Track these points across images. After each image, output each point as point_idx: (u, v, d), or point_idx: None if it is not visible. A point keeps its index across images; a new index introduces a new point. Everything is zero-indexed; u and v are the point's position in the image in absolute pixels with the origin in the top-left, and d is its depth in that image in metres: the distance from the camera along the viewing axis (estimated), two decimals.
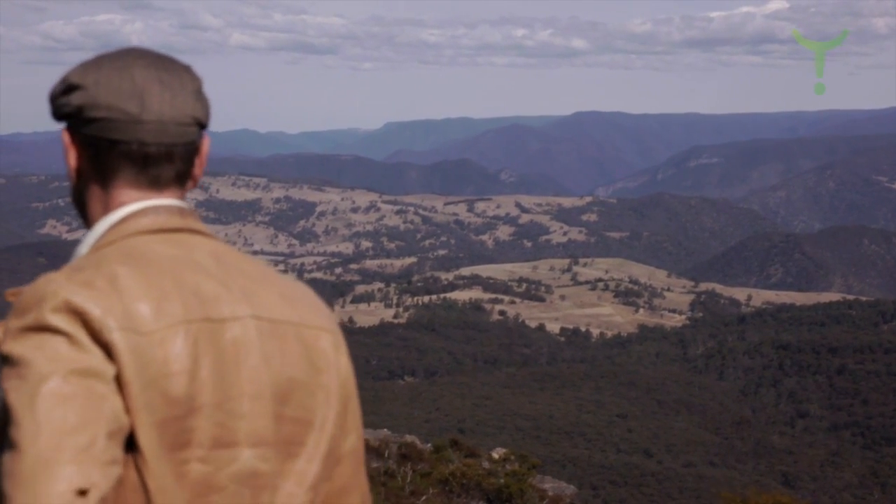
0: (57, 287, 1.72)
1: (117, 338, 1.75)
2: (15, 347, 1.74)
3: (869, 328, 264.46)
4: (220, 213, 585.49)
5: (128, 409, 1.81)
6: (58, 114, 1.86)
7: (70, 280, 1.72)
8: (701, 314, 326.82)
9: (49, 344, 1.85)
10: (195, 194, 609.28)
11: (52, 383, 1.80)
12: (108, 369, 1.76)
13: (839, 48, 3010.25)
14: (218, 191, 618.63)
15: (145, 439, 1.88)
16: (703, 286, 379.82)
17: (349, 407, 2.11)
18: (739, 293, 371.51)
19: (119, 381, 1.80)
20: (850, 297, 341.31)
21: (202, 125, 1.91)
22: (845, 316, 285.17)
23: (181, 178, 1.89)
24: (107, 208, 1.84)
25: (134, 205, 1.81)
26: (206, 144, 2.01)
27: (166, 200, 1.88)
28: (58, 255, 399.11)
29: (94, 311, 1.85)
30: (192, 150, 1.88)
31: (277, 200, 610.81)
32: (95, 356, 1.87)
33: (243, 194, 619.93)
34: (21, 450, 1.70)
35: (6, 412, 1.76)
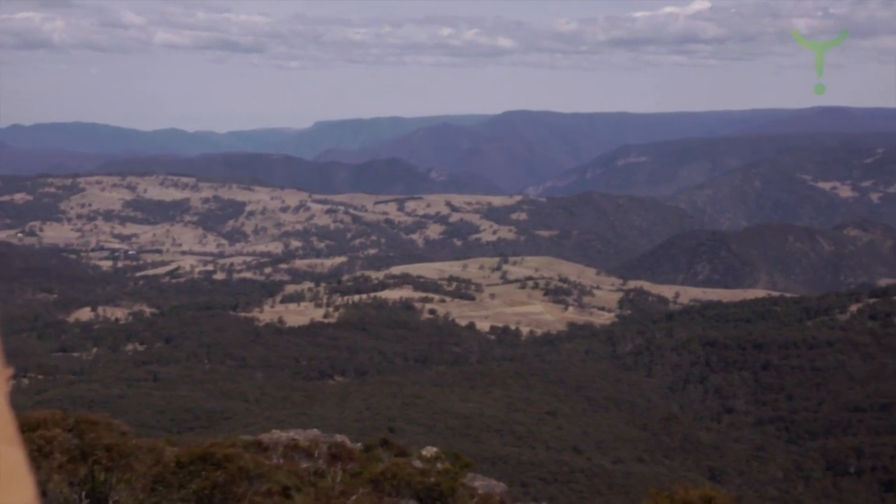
0: None
1: None
2: None
3: (793, 324, 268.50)
4: (148, 212, 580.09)
5: None
6: None
7: None
8: (629, 312, 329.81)
9: None
10: (122, 194, 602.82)
11: None
12: None
13: (761, 47, 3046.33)
14: (146, 190, 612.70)
15: None
16: (632, 284, 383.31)
17: None
18: (667, 291, 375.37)
19: None
20: (776, 294, 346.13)
21: None
22: (770, 312, 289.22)
23: None
24: None
25: None
26: None
27: None
28: None
29: None
30: None
31: (206, 200, 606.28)
32: None
33: (171, 194, 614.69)
34: None
35: None
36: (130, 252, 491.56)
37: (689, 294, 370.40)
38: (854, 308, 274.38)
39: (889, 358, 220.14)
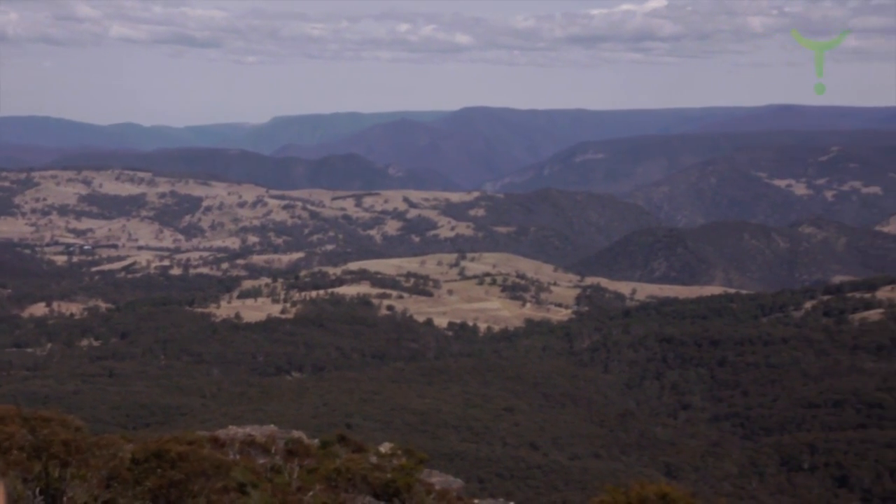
0: None
1: None
2: None
3: (749, 321, 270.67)
4: (104, 207, 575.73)
5: None
6: None
7: None
8: (586, 308, 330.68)
9: None
10: (77, 188, 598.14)
11: None
12: None
13: (717, 45, 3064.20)
14: (101, 185, 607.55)
15: None
16: (589, 280, 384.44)
17: None
18: (624, 287, 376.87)
19: None
20: (731, 291, 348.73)
21: None
22: (726, 309, 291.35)
23: None
24: None
25: None
26: None
27: None
28: None
29: None
30: None
31: (163, 195, 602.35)
32: None
33: (127, 189, 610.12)
34: None
35: None
36: (86, 247, 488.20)
37: (645, 291, 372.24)
38: (808, 305, 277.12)
39: (842, 354, 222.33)
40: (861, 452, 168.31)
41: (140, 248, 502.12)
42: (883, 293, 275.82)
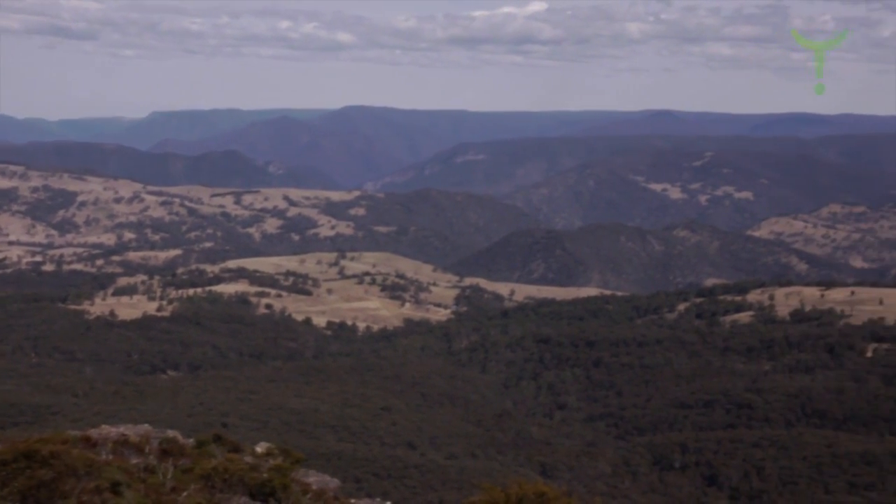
0: None
1: None
2: None
3: (624, 322, 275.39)
4: None
5: None
6: None
7: None
8: (465, 308, 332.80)
9: None
10: None
11: None
12: None
13: (596, 50, 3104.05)
14: None
15: None
16: (468, 281, 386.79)
17: None
18: (503, 288, 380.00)
19: None
20: (607, 293, 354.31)
21: None
22: (602, 310, 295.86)
23: None
24: None
25: None
26: None
27: None
28: None
29: None
30: None
31: (35, 189, 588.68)
32: None
33: None
34: None
35: None
36: None
37: (524, 291, 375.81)
38: (682, 307, 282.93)
39: (713, 356, 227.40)
40: (730, 452, 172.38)
41: (11, 243, 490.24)
42: (753, 296, 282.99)
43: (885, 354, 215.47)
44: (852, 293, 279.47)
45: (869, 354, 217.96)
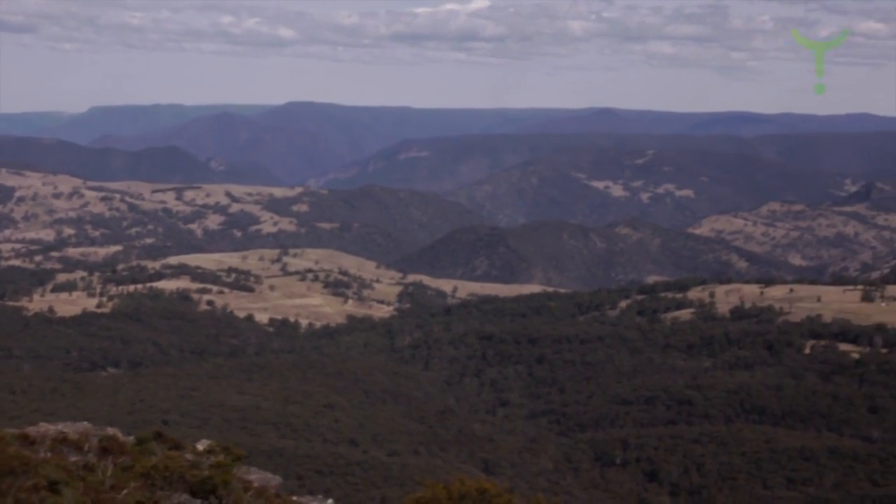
0: None
1: None
2: None
3: (567, 319, 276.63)
4: None
5: None
6: None
7: None
8: (408, 305, 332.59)
9: None
10: None
11: None
12: None
13: (538, 47, 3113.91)
14: None
15: None
16: (412, 277, 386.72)
17: None
18: (446, 285, 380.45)
19: None
20: (550, 290, 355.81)
21: None
22: (545, 307, 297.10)
23: None
24: None
25: None
26: None
27: None
28: None
29: None
30: None
31: None
32: None
33: None
34: None
35: None
36: None
37: (467, 288, 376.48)
38: (623, 304, 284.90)
39: (654, 353, 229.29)
40: (670, 448, 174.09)
41: None
42: (694, 293, 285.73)
43: (822, 351, 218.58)
44: (791, 291, 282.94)
45: (807, 351, 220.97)
